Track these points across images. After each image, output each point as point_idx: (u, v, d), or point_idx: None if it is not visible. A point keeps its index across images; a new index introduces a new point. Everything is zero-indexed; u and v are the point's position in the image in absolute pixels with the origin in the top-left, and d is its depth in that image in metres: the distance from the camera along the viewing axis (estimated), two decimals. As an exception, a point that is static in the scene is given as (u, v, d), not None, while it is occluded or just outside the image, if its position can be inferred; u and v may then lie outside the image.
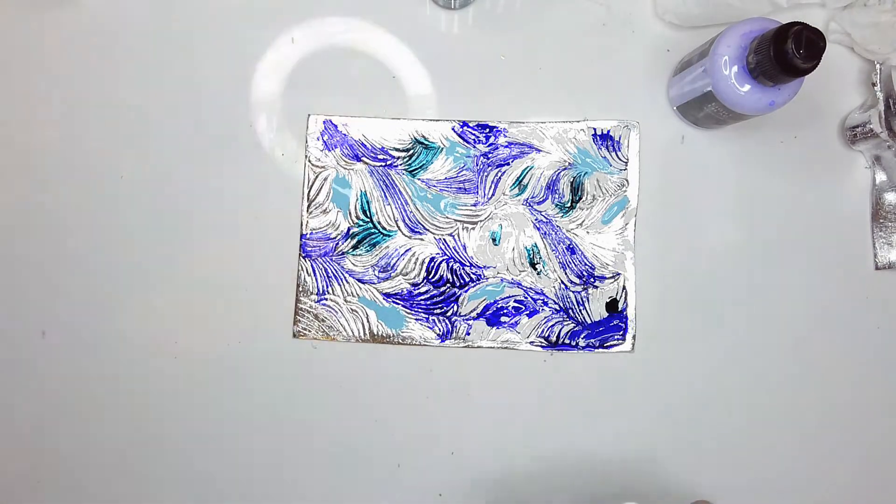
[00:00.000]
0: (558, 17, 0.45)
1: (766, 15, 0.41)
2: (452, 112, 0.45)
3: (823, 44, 0.34)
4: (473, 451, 0.44)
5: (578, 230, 0.45)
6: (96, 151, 0.44)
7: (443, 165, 0.45)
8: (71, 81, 0.44)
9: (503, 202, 0.45)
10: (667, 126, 0.45)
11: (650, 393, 0.44)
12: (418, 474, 0.44)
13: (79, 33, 0.45)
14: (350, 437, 0.44)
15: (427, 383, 0.44)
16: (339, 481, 0.44)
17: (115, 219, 0.44)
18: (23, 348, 0.44)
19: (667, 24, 0.45)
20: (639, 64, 0.45)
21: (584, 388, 0.44)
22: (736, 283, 0.45)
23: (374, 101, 0.45)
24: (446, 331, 0.44)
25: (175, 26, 0.45)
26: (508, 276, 0.44)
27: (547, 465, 0.44)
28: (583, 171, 0.45)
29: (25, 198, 0.44)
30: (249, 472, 0.44)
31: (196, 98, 0.44)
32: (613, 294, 0.44)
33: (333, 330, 0.44)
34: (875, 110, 0.42)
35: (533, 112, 0.45)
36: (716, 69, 0.38)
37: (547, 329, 0.44)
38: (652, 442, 0.44)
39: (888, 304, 0.45)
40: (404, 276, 0.44)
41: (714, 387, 0.44)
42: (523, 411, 0.44)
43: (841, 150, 0.45)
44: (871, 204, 0.45)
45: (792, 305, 0.45)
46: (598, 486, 0.44)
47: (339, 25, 0.45)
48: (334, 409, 0.44)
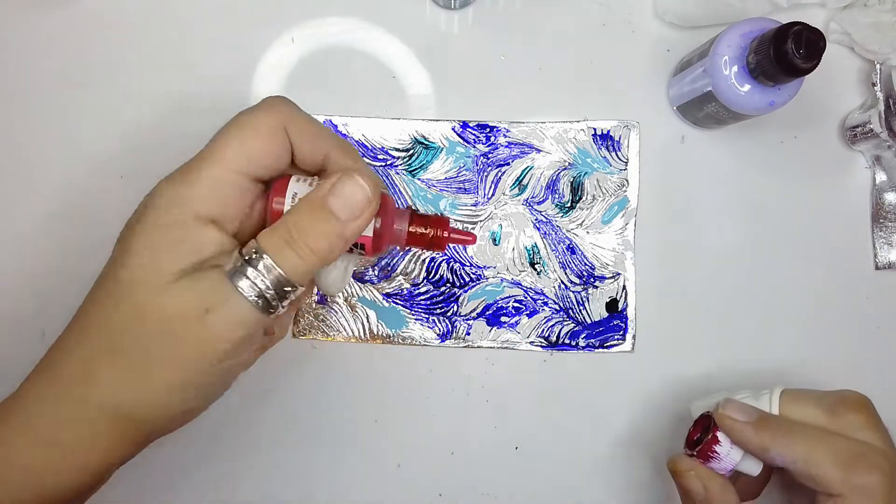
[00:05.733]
0: (558, 17, 0.45)
1: (766, 15, 0.42)
2: (452, 112, 0.45)
3: (823, 44, 0.34)
4: (473, 451, 0.44)
5: (578, 230, 0.45)
6: (96, 151, 0.44)
7: (443, 165, 0.45)
8: (70, 81, 0.44)
9: (503, 202, 0.45)
10: (667, 126, 0.45)
11: (650, 393, 0.44)
12: (418, 474, 0.44)
13: (78, 33, 0.44)
14: (350, 437, 0.44)
15: (427, 383, 0.44)
16: (339, 481, 0.44)
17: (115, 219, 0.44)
18: (23, 348, 0.44)
19: (667, 24, 0.45)
20: (639, 64, 0.45)
21: (584, 388, 0.44)
22: (736, 282, 0.45)
23: (374, 101, 0.45)
24: (446, 331, 0.44)
25: (175, 26, 0.45)
26: (508, 276, 0.44)
27: (547, 466, 0.44)
28: (583, 171, 0.45)
29: (25, 198, 0.44)
30: (249, 472, 0.44)
31: (196, 98, 0.44)
32: (613, 294, 0.44)
33: (333, 330, 0.44)
34: (875, 110, 0.42)
35: (533, 112, 0.45)
36: (716, 69, 0.38)
37: (547, 329, 0.44)
38: (652, 442, 0.44)
39: (888, 304, 0.45)
40: (405, 275, 0.44)
41: (714, 387, 0.44)
42: (523, 411, 0.44)
43: (841, 150, 0.45)
44: (871, 204, 0.45)
45: (792, 305, 0.45)
46: (598, 486, 0.44)
47: (339, 25, 0.45)
48: (334, 409, 0.44)
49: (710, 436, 0.36)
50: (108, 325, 0.31)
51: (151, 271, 0.30)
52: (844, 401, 0.36)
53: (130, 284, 0.30)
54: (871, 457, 0.33)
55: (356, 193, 0.30)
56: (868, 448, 0.34)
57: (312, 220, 0.30)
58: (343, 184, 0.30)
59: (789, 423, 0.35)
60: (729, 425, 0.36)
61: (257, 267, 0.30)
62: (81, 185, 0.44)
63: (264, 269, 0.29)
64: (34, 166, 0.44)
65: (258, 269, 0.30)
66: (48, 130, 0.44)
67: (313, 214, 0.30)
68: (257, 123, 0.32)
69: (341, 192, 0.30)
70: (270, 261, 0.30)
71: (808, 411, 0.36)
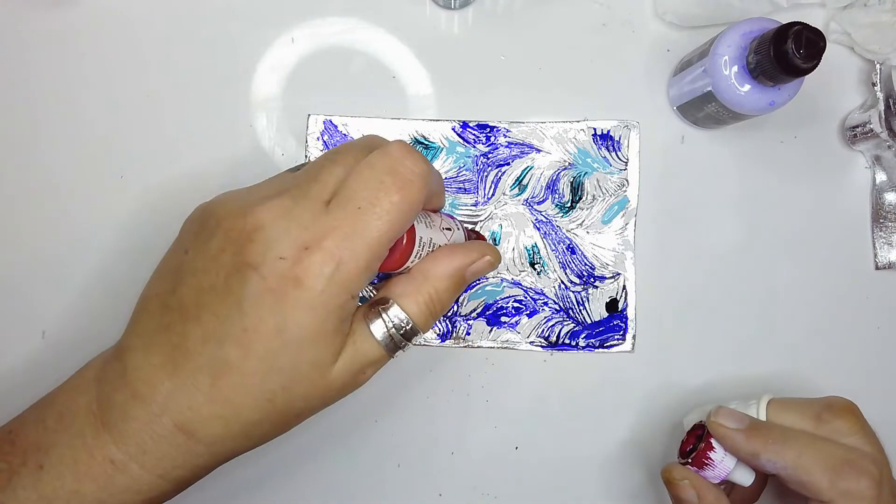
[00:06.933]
0: (558, 17, 0.45)
1: (766, 15, 0.42)
2: (452, 112, 0.45)
3: (823, 44, 0.34)
4: (473, 451, 0.44)
5: (578, 230, 0.45)
6: (96, 151, 0.44)
7: (443, 165, 0.45)
8: (70, 81, 0.44)
9: (503, 202, 0.45)
10: (667, 126, 0.45)
11: (650, 393, 0.44)
12: (418, 474, 0.44)
13: (78, 33, 0.44)
14: (350, 437, 0.44)
15: (427, 383, 0.44)
16: (339, 481, 0.44)
17: (116, 218, 0.44)
18: (23, 348, 0.44)
19: (667, 24, 0.45)
20: (639, 64, 0.45)
21: (584, 388, 0.44)
22: (736, 282, 0.45)
23: (374, 101, 0.45)
24: (446, 331, 0.44)
25: (175, 26, 0.45)
26: (508, 276, 0.44)
27: (547, 466, 0.44)
28: (583, 171, 0.45)
29: (26, 198, 0.44)
30: (248, 472, 0.44)
31: (196, 98, 0.44)
32: (613, 294, 0.44)
33: (333, 330, 0.44)
34: (875, 110, 0.42)
35: (533, 112, 0.45)
36: (716, 69, 0.38)
37: (547, 329, 0.44)
38: (652, 442, 0.44)
39: (888, 304, 0.45)
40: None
41: (713, 387, 0.44)
42: (523, 411, 0.44)
43: (841, 150, 0.45)
44: (871, 204, 0.45)
45: (792, 305, 0.45)
46: (598, 486, 0.44)
47: (339, 25, 0.45)
48: (334, 409, 0.44)
49: (703, 444, 0.36)
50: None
51: (318, 361, 0.31)
52: (831, 407, 0.36)
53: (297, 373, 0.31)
54: (859, 462, 0.33)
55: (486, 271, 0.36)
56: (857, 453, 0.34)
57: (449, 289, 0.34)
58: (480, 264, 0.36)
59: (780, 430, 0.35)
60: (721, 433, 0.36)
61: (395, 318, 0.33)
62: (81, 185, 0.44)
63: (398, 318, 0.33)
64: (34, 166, 0.44)
65: (396, 320, 0.33)
66: (48, 130, 0.44)
67: (452, 283, 0.34)
68: (412, 207, 0.31)
69: (478, 269, 0.36)
70: (405, 315, 0.33)
71: (795, 419, 0.36)
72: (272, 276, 0.29)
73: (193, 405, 0.30)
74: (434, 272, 0.34)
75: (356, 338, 0.32)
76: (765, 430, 0.35)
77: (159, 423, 0.30)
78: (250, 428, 0.31)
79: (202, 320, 0.30)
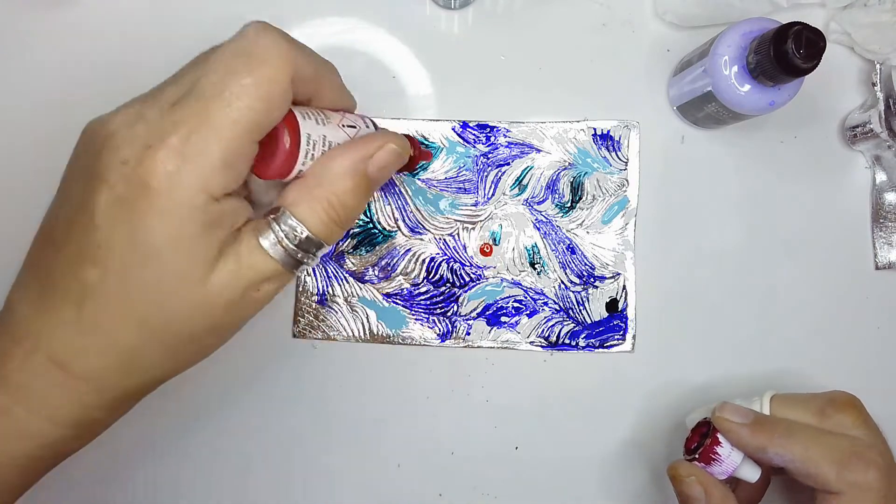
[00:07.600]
0: (558, 17, 0.45)
1: (766, 15, 0.42)
2: (452, 112, 0.45)
3: (823, 44, 0.34)
4: (473, 451, 0.44)
5: (578, 230, 0.45)
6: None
7: (443, 165, 0.45)
8: (70, 81, 0.44)
9: (503, 202, 0.45)
10: (667, 126, 0.45)
11: (650, 393, 0.44)
12: (418, 474, 0.44)
13: (78, 33, 0.44)
14: (350, 437, 0.44)
15: (427, 383, 0.44)
16: (339, 481, 0.44)
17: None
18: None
19: (667, 24, 0.45)
20: (639, 64, 0.45)
21: (584, 388, 0.44)
22: (736, 282, 0.45)
23: (374, 101, 0.45)
24: (446, 331, 0.44)
25: (175, 26, 0.45)
26: (508, 276, 0.44)
27: (547, 466, 0.44)
28: (583, 171, 0.45)
29: (26, 198, 0.44)
30: (248, 472, 0.44)
31: (196, 98, 0.44)
32: (613, 294, 0.44)
33: (333, 330, 0.44)
34: (875, 110, 0.42)
35: (533, 112, 0.45)
36: (716, 69, 0.38)
37: (547, 329, 0.44)
38: (652, 442, 0.44)
39: (888, 304, 0.45)
40: (405, 275, 0.44)
41: (713, 387, 0.44)
42: (523, 411, 0.44)
43: (841, 150, 0.45)
44: (871, 204, 0.45)
45: (792, 305, 0.45)
46: (598, 486, 0.44)
47: (338, 25, 0.45)
48: (334, 410, 0.44)
49: (709, 439, 0.36)
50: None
51: (185, 272, 0.28)
52: (833, 402, 0.36)
53: (161, 289, 0.28)
54: (866, 453, 0.33)
55: (393, 162, 0.32)
56: (863, 445, 0.34)
57: (350, 190, 0.31)
58: (382, 155, 0.32)
59: (786, 423, 0.35)
60: (727, 427, 0.36)
61: (287, 228, 0.29)
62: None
63: (291, 228, 0.29)
64: (34, 167, 0.44)
65: (287, 230, 0.29)
66: (48, 131, 0.44)
67: (354, 183, 0.31)
68: (269, 89, 0.28)
69: (381, 161, 0.32)
70: (296, 223, 0.29)
71: (798, 414, 0.36)
72: (119, 183, 0.26)
73: (64, 337, 0.28)
74: (329, 172, 0.30)
75: (240, 249, 0.29)
76: (770, 424, 0.35)
77: (34, 360, 0.28)
78: (133, 357, 0.28)
79: (66, 246, 0.28)
